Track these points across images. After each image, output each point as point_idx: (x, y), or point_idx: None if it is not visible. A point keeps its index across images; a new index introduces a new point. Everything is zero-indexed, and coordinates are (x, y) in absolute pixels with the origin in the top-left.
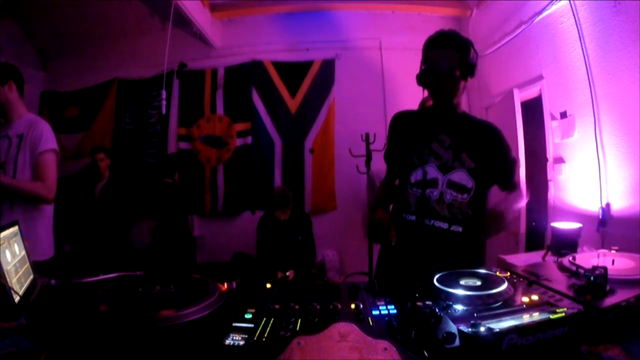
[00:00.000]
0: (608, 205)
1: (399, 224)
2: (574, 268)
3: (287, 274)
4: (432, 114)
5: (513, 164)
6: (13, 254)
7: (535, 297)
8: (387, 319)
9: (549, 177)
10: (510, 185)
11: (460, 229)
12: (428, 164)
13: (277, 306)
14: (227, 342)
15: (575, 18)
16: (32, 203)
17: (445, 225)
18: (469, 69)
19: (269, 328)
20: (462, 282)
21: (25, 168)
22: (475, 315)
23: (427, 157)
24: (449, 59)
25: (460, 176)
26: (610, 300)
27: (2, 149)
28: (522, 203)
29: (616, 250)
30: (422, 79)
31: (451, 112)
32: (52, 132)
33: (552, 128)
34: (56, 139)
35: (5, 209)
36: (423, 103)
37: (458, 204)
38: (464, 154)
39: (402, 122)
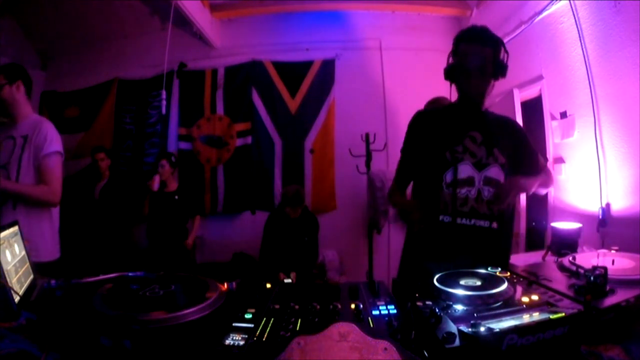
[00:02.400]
0: (608, 205)
1: (434, 227)
2: (574, 268)
3: (290, 278)
4: (460, 110)
5: (536, 150)
6: (13, 254)
7: (535, 297)
8: (387, 319)
9: None
10: (539, 170)
11: (497, 225)
12: (462, 161)
13: (277, 306)
14: (227, 342)
15: (575, 18)
16: (36, 204)
17: (486, 224)
18: (500, 67)
19: (269, 328)
20: (462, 282)
21: (29, 169)
22: (475, 315)
23: (462, 154)
24: (483, 55)
25: (495, 172)
26: (610, 300)
27: (7, 149)
28: (552, 183)
29: (616, 250)
30: (452, 74)
31: (479, 108)
32: (57, 133)
33: (552, 128)
34: (61, 141)
35: (8, 210)
36: (433, 103)
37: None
38: (496, 150)
39: (427, 120)
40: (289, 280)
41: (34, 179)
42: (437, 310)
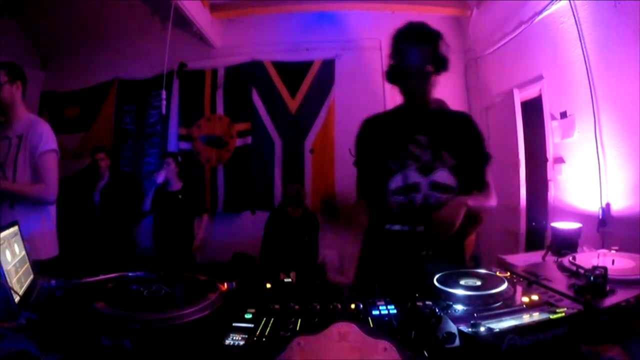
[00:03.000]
0: (608, 205)
1: (381, 236)
2: (574, 268)
3: (290, 278)
4: (405, 113)
5: (487, 158)
6: (13, 254)
7: (535, 297)
8: (387, 319)
9: (549, 177)
10: (480, 181)
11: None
12: (407, 168)
13: (277, 306)
14: (227, 342)
15: (575, 18)
16: (34, 203)
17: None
18: (441, 62)
19: (269, 328)
20: (462, 282)
21: (25, 169)
22: (475, 315)
23: (405, 160)
24: (421, 53)
25: (443, 176)
26: (610, 300)
27: (2, 150)
28: (492, 203)
29: (616, 250)
30: (392, 76)
31: (424, 109)
32: (52, 132)
33: (552, 128)
34: (56, 139)
35: (6, 209)
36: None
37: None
38: (444, 153)
39: (373, 127)
40: (289, 280)
41: (31, 178)
42: (437, 310)
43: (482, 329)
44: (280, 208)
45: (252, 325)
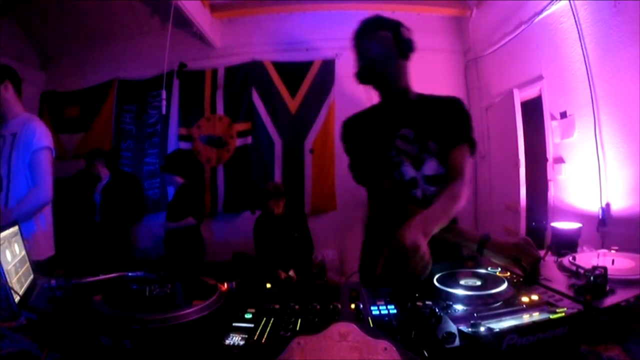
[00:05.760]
0: (608, 205)
1: (384, 234)
2: (574, 268)
3: (290, 274)
4: (384, 109)
5: (468, 142)
6: (13, 254)
7: (535, 297)
8: (387, 319)
9: (549, 177)
10: (455, 167)
11: None
12: (402, 164)
13: (277, 306)
14: (227, 342)
15: (575, 18)
16: (35, 211)
17: None
18: (405, 45)
19: (269, 328)
20: (462, 282)
21: (20, 167)
22: (475, 315)
23: (397, 158)
24: (381, 41)
25: (434, 167)
26: (610, 300)
27: None
28: (460, 203)
29: (616, 250)
30: (362, 76)
31: (404, 99)
32: (47, 129)
33: (552, 128)
34: (51, 137)
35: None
36: None
37: None
38: (430, 142)
39: (355, 128)
40: (291, 274)
41: (25, 176)
42: (437, 310)
43: (482, 329)
44: (264, 209)
45: (252, 325)
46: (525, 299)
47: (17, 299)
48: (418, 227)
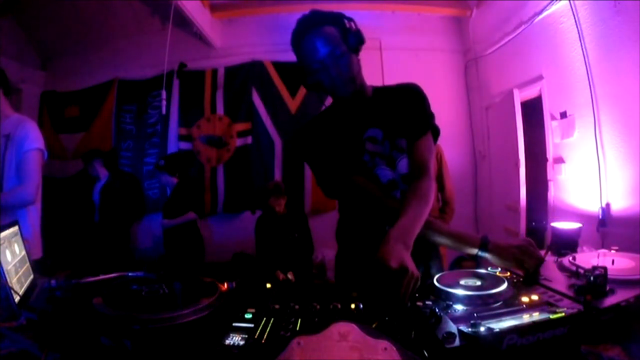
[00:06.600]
0: (608, 205)
1: (361, 239)
2: (574, 268)
3: (289, 276)
4: (344, 111)
5: (426, 129)
6: (13, 254)
7: (535, 297)
8: (387, 319)
9: (549, 177)
10: (418, 163)
11: None
12: (377, 167)
13: (277, 306)
14: (227, 342)
15: (575, 18)
16: (14, 208)
17: None
18: (354, 38)
19: (269, 328)
20: (462, 282)
21: (13, 169)
22: (475, 315)
23: (372, 161)
24: (327, 39)
25: (406, 164)
26: (610, 300)
27: None
28: (427, 206)
29: (616, 250)
30: (314, 82)
31: (362, 98)
32: (39, 131)
33: (552, 128)
34: (43, 139)
35: None
36: None
37: None
38: (399, 138)
39: (314, 139)
40: (290, 276)
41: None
42: (437, 310)
43: (482, 329)
44: (265, 208)
45: (252, 325)
46: (525, 299)
47: (17, 299)
48: (398, 241)
